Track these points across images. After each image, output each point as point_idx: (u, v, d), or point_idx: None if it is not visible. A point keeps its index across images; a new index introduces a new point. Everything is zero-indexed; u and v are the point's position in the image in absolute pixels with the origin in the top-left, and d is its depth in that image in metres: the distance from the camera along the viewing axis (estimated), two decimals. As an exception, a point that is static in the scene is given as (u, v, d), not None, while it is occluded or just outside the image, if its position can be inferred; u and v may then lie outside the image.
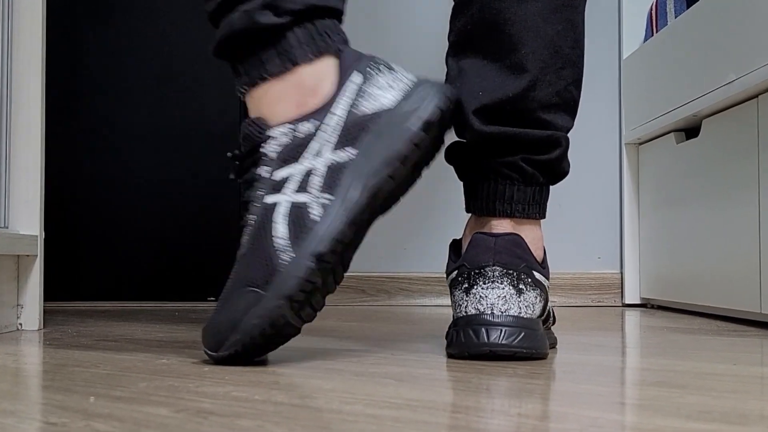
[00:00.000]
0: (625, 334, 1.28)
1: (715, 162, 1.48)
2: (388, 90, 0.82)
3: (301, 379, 0.73)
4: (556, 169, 0.88)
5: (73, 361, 0.85)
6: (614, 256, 2.00)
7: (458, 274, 0.84)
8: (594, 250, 2.00)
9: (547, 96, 0.85)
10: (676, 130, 1.67)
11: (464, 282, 0.83)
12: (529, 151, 0.86)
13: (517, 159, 0.86)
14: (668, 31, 1.67)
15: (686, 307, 1.63)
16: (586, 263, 2.00)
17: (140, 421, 0.54)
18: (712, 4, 1.44)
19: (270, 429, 0.52)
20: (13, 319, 1.22)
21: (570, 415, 0.56)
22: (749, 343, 1.07)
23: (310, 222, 0.77)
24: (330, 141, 0.80)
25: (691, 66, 1.53)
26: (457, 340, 0.82)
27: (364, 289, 2.03)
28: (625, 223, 1.94)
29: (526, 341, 0.80)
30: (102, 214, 2.10)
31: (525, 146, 0.86)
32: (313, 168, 0.80)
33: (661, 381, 0.73)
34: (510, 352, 0.80)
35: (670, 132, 1.69)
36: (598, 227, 2.00)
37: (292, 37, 0.82)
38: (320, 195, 0.79)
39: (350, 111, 0.81)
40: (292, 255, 0.76)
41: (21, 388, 0.72)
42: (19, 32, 1.25)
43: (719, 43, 1.40)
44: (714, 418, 0.54)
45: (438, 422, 0.54)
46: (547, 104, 0.86)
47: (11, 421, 0.53)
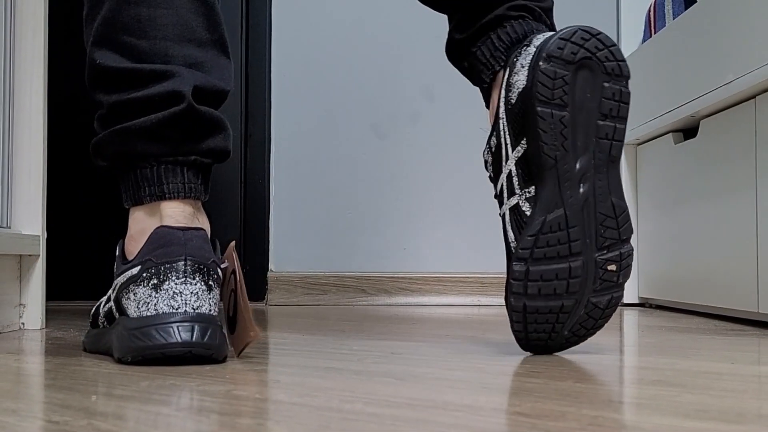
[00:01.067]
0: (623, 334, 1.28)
1: (712, 162, 1.48)
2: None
3: (301, 378, 0.73)
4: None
5: (75, 360, 0.85)
6: (613, 256, 2.00)
7: None
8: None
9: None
10: (675, 130, 1.67)
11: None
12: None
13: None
14: (666, 32, 1.67)
15: (684, 307, 1.63)
16: (585, 263, 1.99)
17: (142, 420, 0.54)
18: (710, 5, 1.44)
19: (270, 427, 0.52)
20: (15, 319, 1.22)
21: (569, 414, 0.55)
22: (747, 342, 1.07)
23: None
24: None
25: (689, 67, 1.53)
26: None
27: (365, 289, 2.03)
28: (624, 223, 1.94)
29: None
30: (104, 214, 2.10)
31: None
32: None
33: (659, 380, 0.73)
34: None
35: (668, 132, 1.69)
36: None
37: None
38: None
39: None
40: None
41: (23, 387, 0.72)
42: (22, 34, 1.25)
43: (717, 44, 1.41)
44: (712, 416, 0.54)
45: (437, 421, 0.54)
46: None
47: (13, 420, 0.53)
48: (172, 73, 0.84)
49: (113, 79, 0.85)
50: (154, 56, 0.85)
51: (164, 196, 0.84)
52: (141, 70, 0.84)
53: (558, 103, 0.81)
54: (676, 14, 1.65)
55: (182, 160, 0.85)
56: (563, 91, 0.81)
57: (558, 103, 0.81)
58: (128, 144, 0.85)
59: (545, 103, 0.81)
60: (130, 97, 0.84)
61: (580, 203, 0.82)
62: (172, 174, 0.85)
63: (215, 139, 0.87)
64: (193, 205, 0.86)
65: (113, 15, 0.85)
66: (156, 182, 0.85)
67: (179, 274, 0.79)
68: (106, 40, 0.86)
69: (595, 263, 0.83)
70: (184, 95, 0.83)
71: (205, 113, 0.85)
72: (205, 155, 0.86)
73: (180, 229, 0.81)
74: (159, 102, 0.84)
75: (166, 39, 0.85)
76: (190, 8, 0.86)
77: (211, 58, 0.87)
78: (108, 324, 0.87)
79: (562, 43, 0.81)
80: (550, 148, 0.81)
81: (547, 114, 0.81)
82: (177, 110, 0.83)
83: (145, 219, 0.85)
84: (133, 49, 0.85)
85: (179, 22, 0.86)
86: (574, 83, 0.82)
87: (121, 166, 0.87)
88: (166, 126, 0.84)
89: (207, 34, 0.87)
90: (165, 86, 0.84)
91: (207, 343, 0.77)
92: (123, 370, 0.76)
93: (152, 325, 0.77)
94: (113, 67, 0.85)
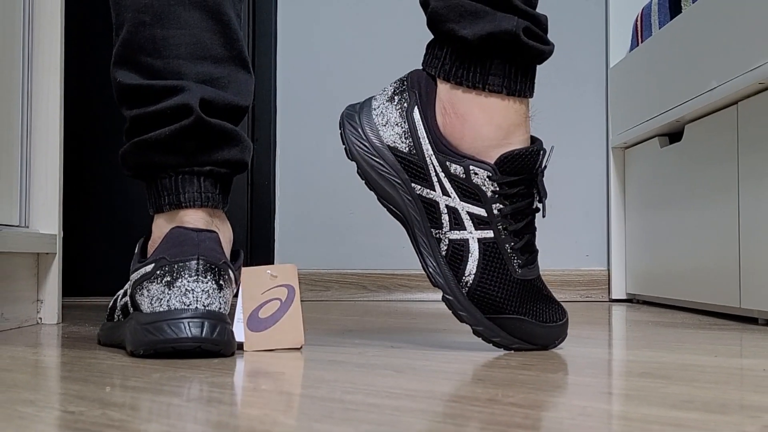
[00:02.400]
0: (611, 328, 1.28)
1: (697, 165, 1.48)
2: None
3: (305, 370, 0.73)
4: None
5: (90, 354, 0.85)
6: (601, 254, 2.00)
7: None
8: (582, 248, 2.00)
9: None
10: (660, 134, 1.67)
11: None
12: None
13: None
14: (653, 41, 1.67)
15: (670, 302, 1.63)
16: (575, 260, 2.00)
17: (153, 410, 0.54)
18: (695, 16, 1.44)
19: (275, 417, 0.52)
20: (33, 314, 1.22)
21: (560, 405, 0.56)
22: (729, 336, 1.07)
23: None
24: None
25: (674, 74, 1.53)
26: None
27: (366, 285, 2.03)
28: (612, 222, 1.94)
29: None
30: (117, 214, 2.10)
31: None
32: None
33: (646, 372, 0.73)
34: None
35: (654, 136, 1.69)
36: (586, 226, 2.00)
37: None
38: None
39: None
40: None
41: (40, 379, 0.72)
42: (39, 46, 1.25)
43: (701, 52, 1.41)
44: (696, 407, 0.54)
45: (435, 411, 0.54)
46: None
47: (31, 410, 0.53)
48: (181, 88, 0.84)
49: (131, 95, 0.86)
50: (168, 73, 0.85)
51: (181, 205, 0.85)
52: (154, 86, 0.85)
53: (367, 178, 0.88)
54: (662, 24, 1.65)
55: (198, 170, 0.85)
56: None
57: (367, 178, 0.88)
58: (147, 155, 0.86)
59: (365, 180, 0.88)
60: (146, 111, 0.85)
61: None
62: (189, 183, 0.85)
63: (230, 150, 0.87)
64: (211, 213, 0.86)
65: (131, 37, 0.86)
66: (174, 191, 0.85)
67: (191, 273, 0.79)
68: (125, 60, 0.87)
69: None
70: (192, 108, 0.84)
71: (216, 125, 0.85)
72: (221, 165, 0.86)
73: (194, 231, 0.81)
74: (170, 115, 0.84)
75: (179, 57, 0.85)
76: (204, 27, 0.86)
77: (229, 74, 0.87)
78: (123, 317, 0.87)
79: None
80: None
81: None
82: (186, 123, 0.84)
83: (165, 225, 0.85)
84: (148, 68, 0.85)
85: (192, 42, 0.86)
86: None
87: (143, 176, 0.88)
88: (178, 138, 0.84)
89: (224, 51, 0.87)
90: (175, 100, 0.84)
91: (216, 339, 0.77)
92: (136, 363, 0.76)
93: (164, 321, 0.77)
94: (130, 84, 0.86)
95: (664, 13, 1.64)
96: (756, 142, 1.25)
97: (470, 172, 0.81)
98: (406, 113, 0.83)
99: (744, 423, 0.48)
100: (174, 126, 0.84)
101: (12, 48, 1.18)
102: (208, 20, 0.86)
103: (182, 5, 0.86)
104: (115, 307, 0.91)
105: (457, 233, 0.81)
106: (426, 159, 0.82)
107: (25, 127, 1.22)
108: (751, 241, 1.26)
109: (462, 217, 0.81)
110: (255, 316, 0.86)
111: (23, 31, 1.22)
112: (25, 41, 1.22)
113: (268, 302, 0.86)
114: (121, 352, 0.84)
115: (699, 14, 1.42)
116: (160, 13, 0.85)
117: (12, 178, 1.18)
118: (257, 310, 0.86)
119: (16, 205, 1.20)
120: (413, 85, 0.84)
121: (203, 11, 0.86)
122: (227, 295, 0.81)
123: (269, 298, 0.86)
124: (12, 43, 1.18)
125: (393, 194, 0.84)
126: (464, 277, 0.81)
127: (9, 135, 1.17)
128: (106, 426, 0.48)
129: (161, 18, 0.85)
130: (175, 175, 0.85)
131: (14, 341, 0.98)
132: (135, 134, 0.86)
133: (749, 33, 1.23)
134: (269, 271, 0.87)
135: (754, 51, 1.21)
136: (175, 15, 0.85)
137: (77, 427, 0.48)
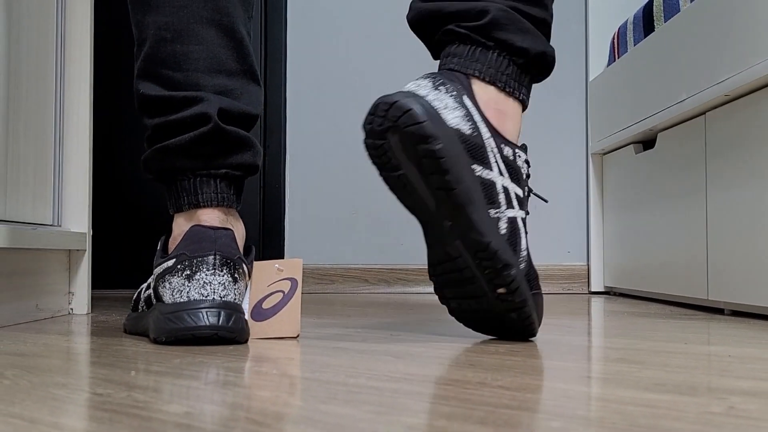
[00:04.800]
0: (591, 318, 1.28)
1: (668, 170, 1.48)
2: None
3: (312, 356, 0.73)
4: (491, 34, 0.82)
5: (117, 341, 0.85)
6: (582, 251, 2.00)
7: None
8: (564, 245, 2.00)
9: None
10: (635, 142, 1.67)
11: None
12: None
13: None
14: (628, 57, 1.67)
15: (644, 294, 1.63)
16: (557, 256, 2.00)
17: (174, 392, 0.54)
18: (666, 34, 1.44)
19: (285, 399, 0.52)
20: (65, 305, 1.22)
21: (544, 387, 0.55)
22: (698, 325, 1.07)
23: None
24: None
25: (648, 87, 1.53)
26: None
27: (367, 279, 2.03)
28: (591, 222, 1.94)
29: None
30: (142, 214, 2.10)
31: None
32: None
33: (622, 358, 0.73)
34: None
35: (630, 144, 1.69)
36: (568, 225, 2.00)
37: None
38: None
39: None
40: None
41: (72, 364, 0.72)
42: (70, 59, 1.25)
43: (672, 67, 1.41)
44: (668, 389, 0.54)
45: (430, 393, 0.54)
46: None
47: (64, 392, 0.53)
48: (201, 98, 0.84)
49: (154, 106, 0.86)
50: (187, 85, 0.85)
51: (199, 204, 0.85)
52: (176, 97, 0.85)
53: (390, 167, 0.78)
54: (636, 41, 1.65)
55: (214, 173, 0.85)
56: (387, 157, 0.78)
57: (390, 167, 0.78)
58: (168, 160, 0.86)
59: (382, 169, 0.79)
60: (168, 119, 0.85)
61: (447, 241, 0.78)
62: (206, 185, 0.85)
63: (244, 155, 0.87)
64: (226, 211, 0.86)
65: (153, 52, 0.86)
66: (192, 192, 0.85)
67: (209, 267, 0.79)
68: (148, 73, 0.86)
69: (487, 287, 0.79)
70: (211, 117, 0.84)
71: (232, 132, 0.85)
72: (235, 169, 0.86)
73: (211, 229, 0.81)
74: (190, 123, 0.84)
75: (197, 71, 0.85)
76: (220, 44, 0.86)
77: (241, 86, 0.87)
78: (147, 308, 0.87)
79: (369, 118, 0.78)
80: (408, 207, 0.80)
81: (388, 178, 0.79)
82: (205, 130, 0.84)
83: (184, 224, 0.85)
84: (169, 80, 0.85)
85: (209, 56, 0.86)
86: (391, 147, 0.77)
87: (164, 179, 0.87)
88: (198, 143, 0.84)
89: (237, 65, 0.87)
90: (195, 110, 0.84)
91: (231, 327, 0.77)
92: (158, 349, 0.76)
93: (184, 310, 0.77)
94: (153, 95, 0.85)
95: (639, 32, 1.64)
96: (722, 148, 1.25)
97: (516, 155, 0.81)
98: (459, 99, 0.79)
99: (711, 404, 0.48)
100: (194, 133, 0.84)
101: (46, 64, 1.18)
102: (223, 37, 0.87)
103: (200, 24, 0.86)
104: (139, 299, 0.91)
105: (512, 212, 0.79)
106: (484, 141, 0.78)
107: (58, 136, 1.22)
108: (717, 239, 1.26)
109: (511, 196, 0.79)
110: (259, 307, 0.85)
111: (56, 52, 1.22)
112: (58, 58, 1.22)
113: (272, 294, 0.86)
114: (145, 340, 0.84)
115: (670, 33, 1.42)
116: (180, 31, 0.85)
117: (47, 183, 1.18)
118: (262, 301, 0.86)
119: (50, 207, 1.20)
120: (451, 78, 0.80)
121: (219, 29, 0.86)
122: (241, 287, 0.81)
123: (274, 290, 0.86)
124: (46, 59, 1.18)
125: (464, 173, 0.77)
126: (521, 253, 0.79)
127: (44, 143, 1.17)
128: (132, 407, 0.48)
129: (181, 35, 0.85)
130: (193, 178, 0.85)
131: (48, 330, 0.98)
132: (157, 141, 0.86)
133: (716, 50, 1.23)
134: (277, 265, 0.87)
135: (720, 66, 1.21)
136: (194, 32, 0.85)
137: (105, 408, 0.48)
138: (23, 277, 1.09)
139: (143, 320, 0.87)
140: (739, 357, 0.72)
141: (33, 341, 0.85)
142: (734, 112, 1.21)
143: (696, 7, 1.31)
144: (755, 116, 1.14)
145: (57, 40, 1.22)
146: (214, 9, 0.86)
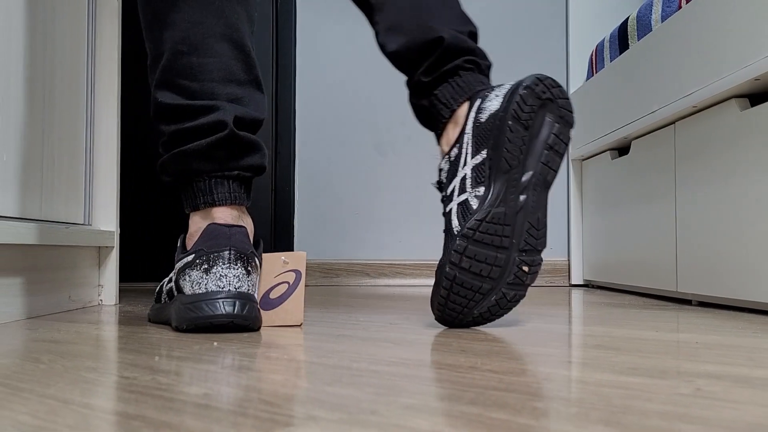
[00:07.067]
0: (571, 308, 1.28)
1: (641, 174, 1.48)
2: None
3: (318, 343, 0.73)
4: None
5: (142, 329, 0.85)
6: (563, 247, 2.00)
7: None
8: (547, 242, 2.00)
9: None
10: (611, 149, 1.67)
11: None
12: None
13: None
14: (605, 72, 1.67)
15: (619, 287, 1.63)
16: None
17: (194, 376, 0.54)
18: (639, 51, 1.44)
19: (294, 381, 0.52)
20: (95, 296, 1.22)
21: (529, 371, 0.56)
22: (668, 314, 1.07)
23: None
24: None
25: (623, 99, 1.53)
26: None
27: (368, 273, 2.03)
28: (572, 220, 1.94)
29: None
30: (165, 214, 2.10)
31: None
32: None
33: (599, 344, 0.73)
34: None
35: (606, 150, 1.69)
36: (550, 224, 2.00)
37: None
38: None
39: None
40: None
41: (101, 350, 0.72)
42: (100, 74, 1.25)
43: (645, 81, 1.41)
44: (641, 373, 0.54)
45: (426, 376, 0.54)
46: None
47: (94, 376, 0.53)
48: (217, 107, 0.84)
49: (171, 113, 0.86)
50: (203, 94, 0.85)
51: (214, 203, 0.85)
52: (193, 105, 0.85)
53: (524, 124, 0.80)
54: (612, 57, 1.65)
55: (228, 174, 0.85)
56: (530, 116, 0.80)
57: (524, 124, 0.80)
58: (185, 163, 0.85)
59: (515, 120, 0.80)
60: (185, 126, 0.85)
61: (516, 208, 0.80)
62: (221, 185, 0.85)
63: (253, 157, 0.87)
64: (238, 209, 0.86)
65: (170, 64, 0.86)
66: (208, 192, 0.85)
67: (225, 261, 0.79)
68: (166, 84, 0.86)
69: (514, 261, 0.80)
70: (227, 123, 0.84)
71: (244, 137, 0.85)
72: (246, 170, 0.86)
73: (226, 226, 0.81)
74: (207, 129, 0.84)
75: (212, 81, 0.85)
76: (231, 56, 0.87)
77: (249, 94, 0.88)
78: (169, 299, 0.87)
79: (537, 81, 0.81)
80: (510, 156, 0.80)
81: (515, 128, 0.80)
82: (221, 135, 0.84)
83: (200, 221, 0.85)
84: (186, 90, 0.85)
85: (222, 68, 0.86)
86: (537, 114, 0.81)
87: (181, 181, 0.87)
88: (214, 148, 0.84)
89: (245, 76, 0.87)
90: (212, 117, 0.84)
91: (246, 315, 0.77)
92: (179, 337, 0.76)
93: (203, 300, 0.77)
94: (171, 104, 0.85)
95: (615, 49, 1.64)
96: (690, 154, 1.25)
97: None
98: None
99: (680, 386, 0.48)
100: (211, 138, 0.84)
101: (78, 79, 1.18)
102: (234, 50, 0.87)
103: (214, 38, 0.86)
104: (162, 291, 0.91)
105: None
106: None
107: (89, 144, 1.22)
108: (685, 236, 1.26)
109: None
110: (266, 297, 0.85)
111: (87, 67, 1.22)
112: (89, 73, 1.22)
113: (278, 285, 0.86)
114: (168, 328, 0.84)
115: (643, 50, 1.42)
116: (195, 44, 0.85)
117: (78, 186, 1.18)
118: (269, 291, 0.85)
119: (82, 207, 1.20)
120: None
121: (230, 43, 0.87)
122: (254, 279, 0.81)
123: (280, 281, 0.86)
124: (78, 75, 1.18)
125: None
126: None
127: (76, 151, 1.17)
128: (155, 389, 0.48)
129: (197, 48, 0.85)
130: (209, 179, 0.85)
131: (79, 319, 0.98)
132: (174, 146, 0.86)
133: (684, 65, 1.23)
134: (283, 257, 0.87)
135: (689, 80, 1.21)
136: (209, 46, 0.86)
137: (131, 390, 0.48)
138: (57, 272, 1.09)
139: (166, 310, 0.87)
140: (705, 343, 0.72)
141: (66, 329, 0.85)
142: (701, 121, 1.21)
143: (667, 27, 1.31)
144: (720, 125, 1.14)
145: (88, 58, 1.22)
146: (226, 25, 0.86)
